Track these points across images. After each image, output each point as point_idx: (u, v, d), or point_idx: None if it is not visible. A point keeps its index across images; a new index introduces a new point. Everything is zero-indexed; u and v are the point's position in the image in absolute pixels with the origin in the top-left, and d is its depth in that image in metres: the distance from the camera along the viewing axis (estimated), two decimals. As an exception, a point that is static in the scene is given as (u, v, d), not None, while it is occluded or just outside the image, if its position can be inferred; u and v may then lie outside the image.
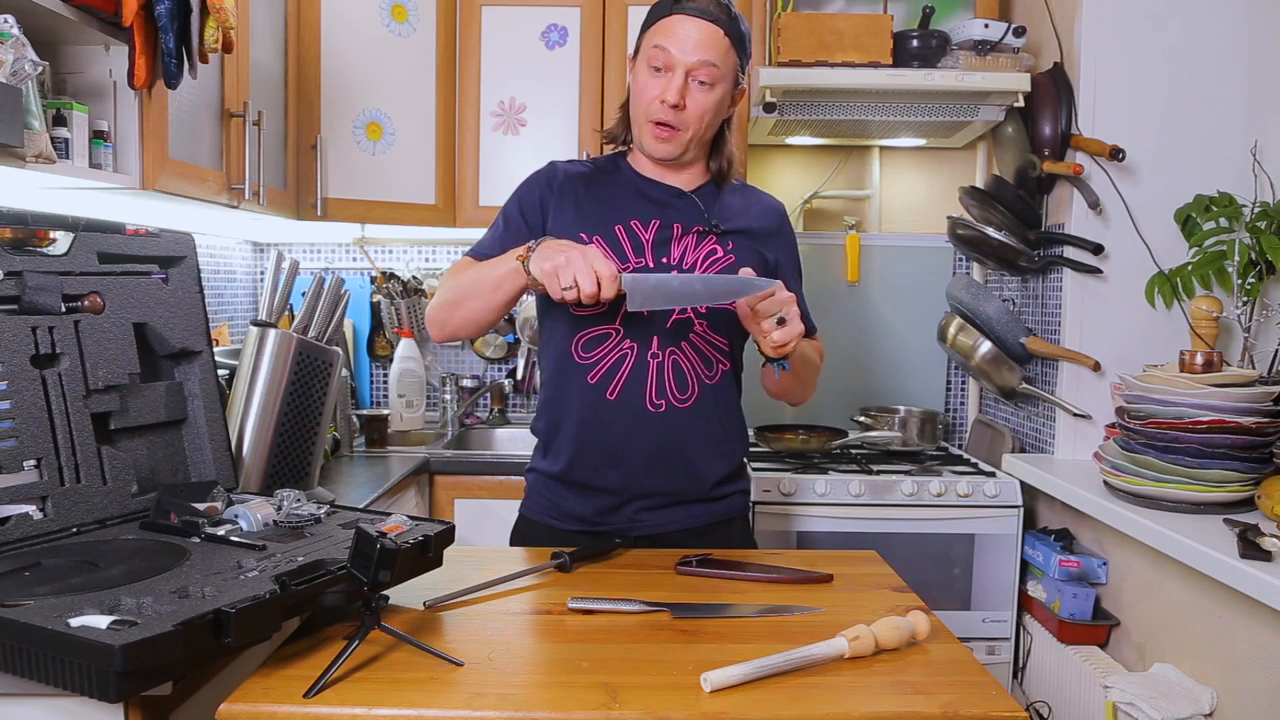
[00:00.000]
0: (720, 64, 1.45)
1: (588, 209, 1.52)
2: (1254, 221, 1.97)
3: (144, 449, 1.36)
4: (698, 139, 1.50)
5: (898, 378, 2.86)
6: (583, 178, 1.56)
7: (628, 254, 1.49)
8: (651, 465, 1.50)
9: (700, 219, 1.52)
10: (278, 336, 1.67)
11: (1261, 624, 1.57)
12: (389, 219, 2.52)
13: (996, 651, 2.30)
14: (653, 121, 1.47)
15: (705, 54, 1.43)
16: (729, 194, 1.58)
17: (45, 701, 0.95)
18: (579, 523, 1.55)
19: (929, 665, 1.04)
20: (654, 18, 1.48)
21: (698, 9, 1.44)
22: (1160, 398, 1.82)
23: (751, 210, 1.59)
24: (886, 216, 2.92)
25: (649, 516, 1.53)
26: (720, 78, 1.46)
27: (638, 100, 1.50)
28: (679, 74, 1.44)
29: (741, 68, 1.50)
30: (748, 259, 1.51)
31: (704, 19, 1.43)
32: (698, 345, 1.50)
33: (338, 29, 2.39)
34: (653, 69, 1.46)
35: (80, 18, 1.44)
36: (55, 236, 1.29)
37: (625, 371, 1.48)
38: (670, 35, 1.44)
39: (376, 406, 2.92)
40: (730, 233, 1.53)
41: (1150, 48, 2.20)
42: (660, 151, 1.50)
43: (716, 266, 1.50)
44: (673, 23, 1.45)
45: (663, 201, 1.53)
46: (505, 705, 0.92)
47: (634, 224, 1.51)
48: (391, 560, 1.01)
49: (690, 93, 1.45)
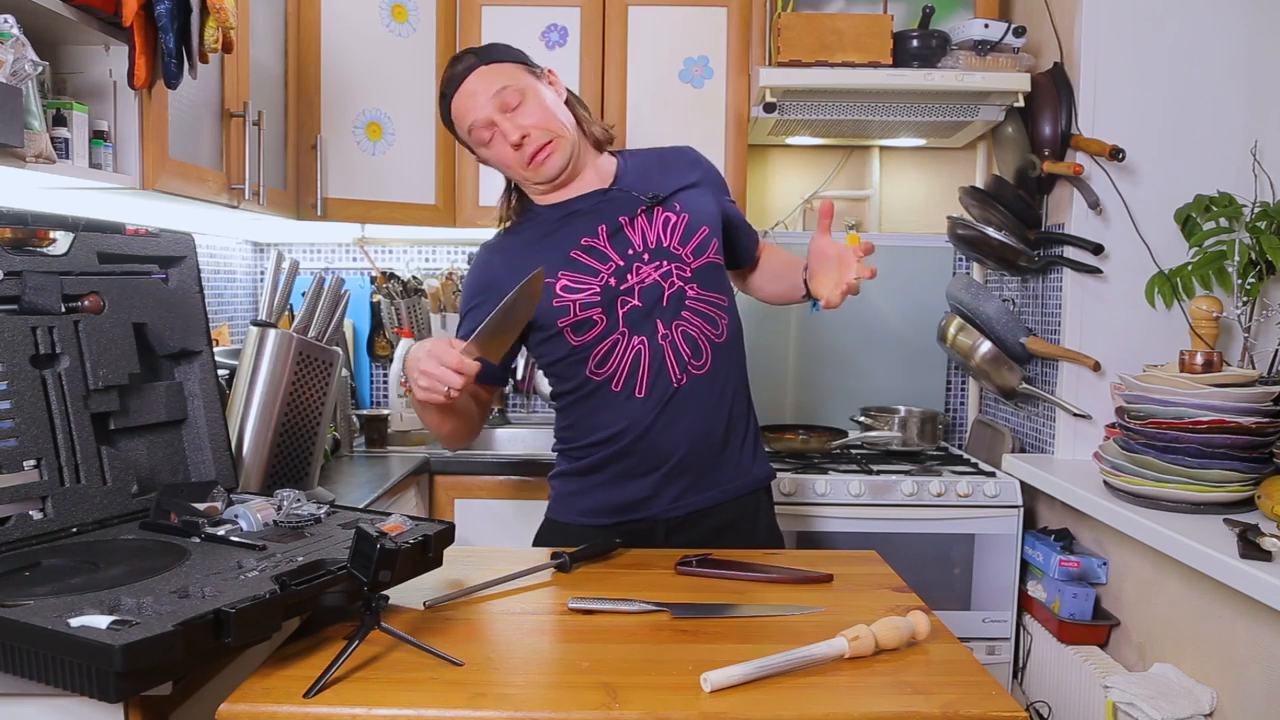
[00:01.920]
0: (509, 80, 1.50)
1: (537, 259, 1.50)
2: (1254, 221, 1.97)
3: (144, 449, 1.36)
4: (566, 140, 1.52)
5: (898, 378, 2.86)
6: (516, 240, 1.60)
7: (595, 266, 1.52)
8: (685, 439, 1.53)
9: (636, 200, 1.55)
10: (278, 336, 1.67)
11: (1261, 624, 1.57)
12: (389, 219, 2.52)
13: (996, 651, 2.30)
14: (525, 164, 1.52)
15: (492, 89, 1.49)
16: (642, 165, 1.62)
17: (45, 701, 0.95)
18: (616, 514, 1.56)
19: (929, 665, 1.04)
20: (449, 123, 1.56)
21: (455, 78, 1.51)
22: (1160, 398, 1.82)
23: (672, 168, 1.62)
24: (886, 216, 2.92)
25: (688, 497, 1.56)
26: (521, 87, 1.50)
27: (504, 168, 1.56)
28: (500, 119, 1.49)
29: (523, 62, 1.55)
30: (699, 211, 1.57)
31: (465, 77, 1.51)
32: (698, 309, 1.54)
33: (338, 29, 2.39)
34: (485, 145, 1.53)
35: (80, 18, 1.44)
36: (55, 236, 1.29)
37: (645, 365, 1.52)
38: (465, 112, 1.52)
39: (376, 406, 2.92)
40: (670, 196, 1.57)
41: (1150, 48, 2.20)
42: (553, 167, 1.53)
43: (678, 231, 1.54)
44: (457, 105, 1.53)
45: (593, 209, 1.56)
46: (505, 705, 0.92)
47: (584, 240, 1.53)
48: (391, 560, 1.01)
49: (518, 119, 1.49)
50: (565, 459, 1.64)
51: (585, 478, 1.59)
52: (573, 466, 1.61)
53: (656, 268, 1.52)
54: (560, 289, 1.50)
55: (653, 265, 1.52)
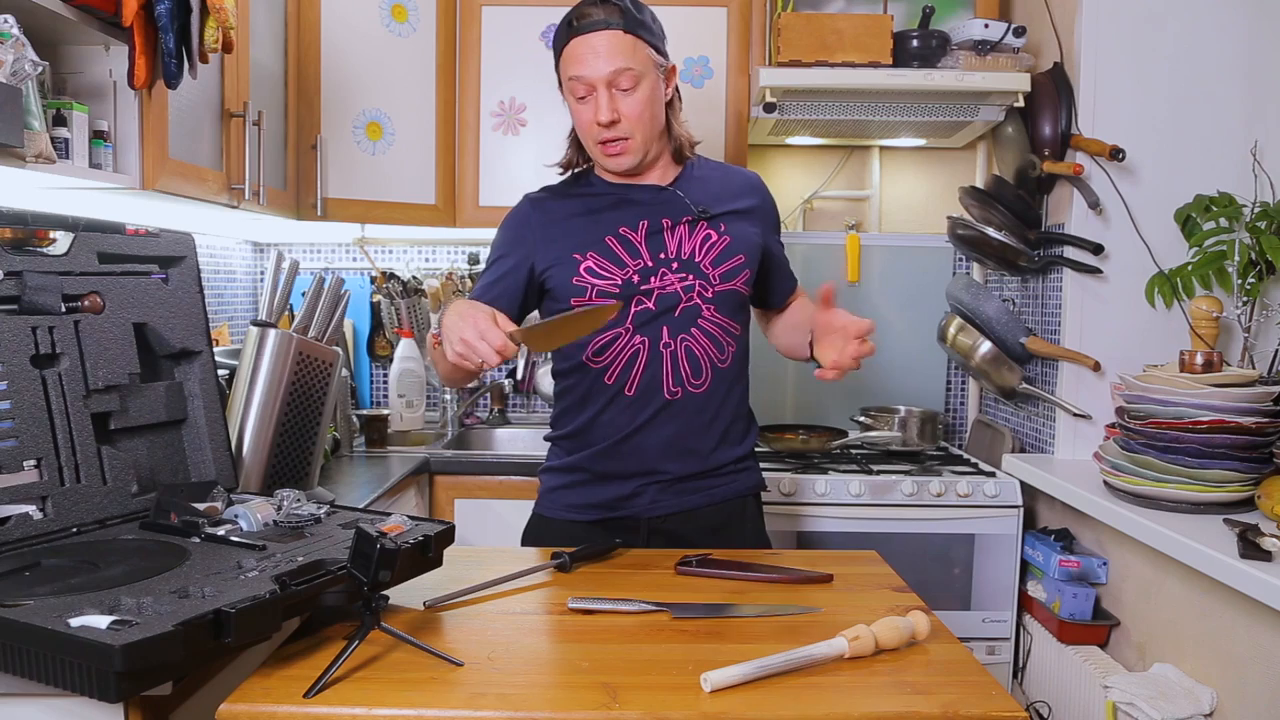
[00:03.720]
0: (634, 63, 1.47)
1: (573, 233, 1.55)
2: (1254, 221, 1.97)
3: (144, 449, 1.36)
4: (648, 139, 1.52)
5: (898, 378, 2.86)
6: (560, 204, 1.59)
7: (624, 259, 1.52)
8: (670, 452, 1.55)
9: (687, 208, 1.55)
10: (278, 336, 1.67)
11: (1261, 624, 1.57)
12: (389, 219, 2.52)
13: (996, 651, 2.30)
14: (599, 143, 1.51)
15: (615, 62, 1.46)
16: (705, 177, 1.61)
17: (45, 701, 0.95)
18: (598, 511, 1.58)
19: (929, 665, 1.04)
20: (557, 49, 1.52)
21: (590, 23, 1.46)
22: (1160, 398, 1.82)
23: (732, 189, 1.61)
24: (886, 216, 2.92)
25: (668, 498, 1.57)
26: (640, 74, 1.48)
27: (579, 128, 1.55)
28: (601, 92, 1.47)
29: (658, 49, 1.51)
30: (741, 238, 1.56)
31: (599, 30, 1.46)
32: (707, 330, 1.54)
33: (338, 29, 2.39)
34: (578, 99, 1.50)
35: (80, 18, 1.44)
36: (55, 236, 1.29)
37: (640, 365, 1.53)
38: (577, 62, 1.47)
39: (376, 406, 2.92)
40: (720, 215, 1.57)
41: (1150, 48, 2.20)
42: (619, 165, 1.53)
43: (714, 251, 1.54)
44: (574, 48, 1.48)
45: (644, 201, 1.56)
46: (505, 705, 0.92)
47: (622, 230, 1.54)
48: (391, 560, 1.01)
49: (619, 102, 1.48)
50: (554, 453, 1.66)
51: (570, 474, 1.61)
52: (560, 463, 1.63)
53: (681, 279, 1.52)
54: (584, 269, 1.51)
55: (678, 276, 1.52)
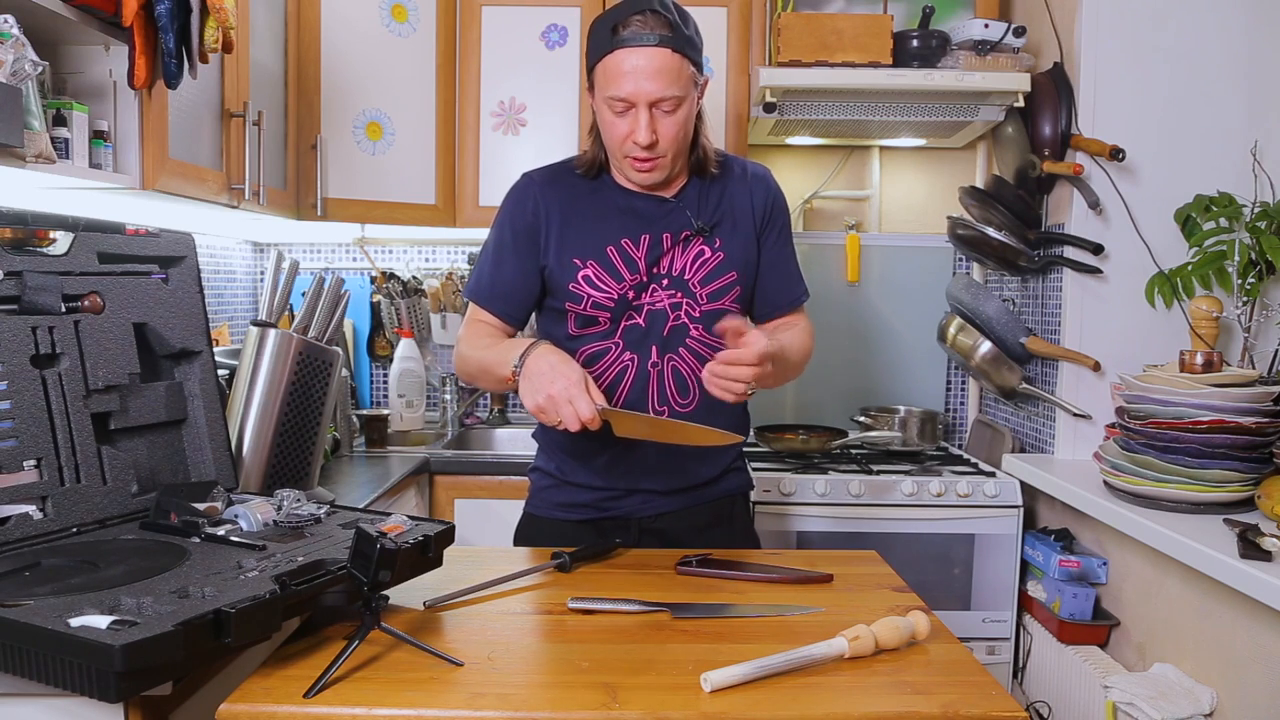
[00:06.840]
0: (679, 88, 1.39)
1: (577, 234, 1.51)
2: (1254, 221, 1.97)
3: (144, 449, 1.36)
4: (679, 157, 1.49)
5: (898, 378, 2.86)
6: (566, 196, 1.54)
7: (622, 273, 1.50)
8: (654, 469, 1.55)
9: (688, 223, 1.52)
10: (278, 336, 1.67)
11: (1261, 624, 1.57)
12: (389, 219, 2.52)
13: (996, 651, 2.30)
14: (630, 157, 1.45)
15: (661, 86, 1.37)
16: (712, 186, 1.56)
17: (45, 701, 0.95)
18: (588, 510, 1.58)
19: (929, 665, 1.04)
20: (597, 54, 1.41)
21: (637, 37, 1.36)
22: (1160, 398, 1.82)
23: (735, 191, 1.56)
24: (886, 216, 2.92)
25: (657, 501, 1.57)
26: (681, 97, 1.41)
27: (609, 137, 1.46)
28: (642, 112, 1.39)
29: (697, 64, 1.43)
30: (735, 255, 1.53)
31: (648, 46, 1.36)
32: (695, 350, 1.53)
33: (338, 29, 2.39)
34: (615, 113, 1.42)
35: (80, 18, 1.44)
36: (55, 236, 1.29)
37: (627, 382, 1.52)
38: (621, 79, 1.38)
39: (376, 406, 2.92)
40: (716, 227, 1.53)
41: (1150, 48, 2.20)
42: (648, 180, 1.49)
43: (705, 269, 1.52)
44: (617, 62, 1.37)
45: (649, 215, 1.53)
46: (505, 705, 0.92)
47: (624, 243, 1.51)
48: (391, 560, 1.01)
49: (659, 123, 1.40)
50: (541, 455, 1.65)
51: (558, 474, 1.61)
52: (547, 465, 1.63)
53: (669, 296, 1.51)
54: (582, 278, 1.50)
55: (667, 293, 1.51)
